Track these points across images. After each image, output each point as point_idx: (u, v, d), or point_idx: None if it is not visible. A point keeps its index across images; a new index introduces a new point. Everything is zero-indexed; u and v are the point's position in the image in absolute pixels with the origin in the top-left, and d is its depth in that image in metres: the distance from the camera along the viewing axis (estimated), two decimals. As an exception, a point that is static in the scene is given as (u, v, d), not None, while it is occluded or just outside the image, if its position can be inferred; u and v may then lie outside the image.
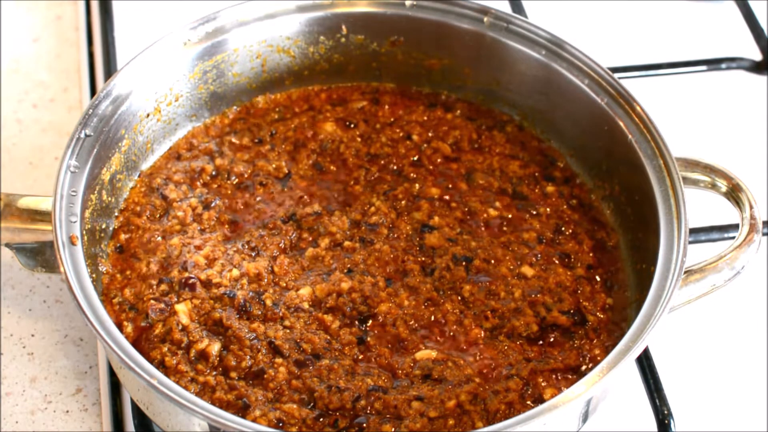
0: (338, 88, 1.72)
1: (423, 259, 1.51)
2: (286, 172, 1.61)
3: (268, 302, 1.44)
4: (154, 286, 1.45)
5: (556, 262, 1.51)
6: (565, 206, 1.58)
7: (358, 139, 1.66)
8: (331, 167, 1.63)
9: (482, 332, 1.44)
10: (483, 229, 1.55)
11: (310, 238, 1.53)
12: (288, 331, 1.41)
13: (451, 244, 1.52)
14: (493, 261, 1.50)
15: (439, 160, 1.63)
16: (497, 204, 1.58)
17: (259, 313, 1.43)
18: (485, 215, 1.57)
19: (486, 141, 1.66)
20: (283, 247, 1.52)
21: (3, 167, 1.76)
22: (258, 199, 1.58)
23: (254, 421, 1.31)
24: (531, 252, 1.52)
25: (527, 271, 1.50)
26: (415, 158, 1.63)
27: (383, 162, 1.63)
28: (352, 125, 1.67)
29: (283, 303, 1.44)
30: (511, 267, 1.50)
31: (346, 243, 1.52)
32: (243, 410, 1.33)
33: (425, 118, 1.68)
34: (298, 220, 1.55)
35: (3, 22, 1.98)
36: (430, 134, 1.66)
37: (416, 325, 1.44)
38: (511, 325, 1.44)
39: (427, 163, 1.63)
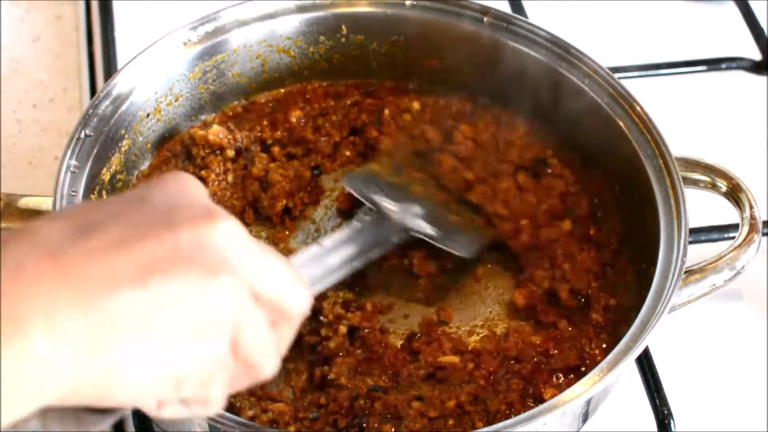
0: (338, 87, 1.72)
1: (423, 259, 1.51)
2: (286, 172, 1.61)
3: (268, 302, 1.43)
4: (154, 286, 1.45)
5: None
6: (565, 206, 1.58)
7: (358, 139, 1.66)
8: (331, 167, 1.63)
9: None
10: (483, 229, 1.55)
11: (311, 238, 1.54)
12: (288, 331, 1.41)
13: (451, 244, 1.52)
14: (493, 261, 1.51)
15: (439, 160, 1.63)
16: (497, 204, 1.58)
17: (259, 313, 1.43)
18: (485, 215, 1.57)
19: (486, 141, 1.66)
20: (283, 247, 1.52)
21: (3, 167, 1.76)
22: (258, 199, 1.57)
23: (252, 419, 1.31)
24: (531, 252, 1.52)
25: (527, 271, 1.50)
26: (415, 158, 1.64)
27: (383, 162, 1.63)
28: (352, 125, 1.67)
29: (283, 303, 1.44)
30: (511, 267, 1.50)
31: (347, 243, 1.52)
32: (243, 409, 1.33)
33: (425, 117, 1.68)
34: (298, 220, 1.55)
35: (3, 22, 1.98)
36: (430, 134, 1.66)
37: (416, 325, 1.45)
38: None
39: (427, 162, 1.63)
